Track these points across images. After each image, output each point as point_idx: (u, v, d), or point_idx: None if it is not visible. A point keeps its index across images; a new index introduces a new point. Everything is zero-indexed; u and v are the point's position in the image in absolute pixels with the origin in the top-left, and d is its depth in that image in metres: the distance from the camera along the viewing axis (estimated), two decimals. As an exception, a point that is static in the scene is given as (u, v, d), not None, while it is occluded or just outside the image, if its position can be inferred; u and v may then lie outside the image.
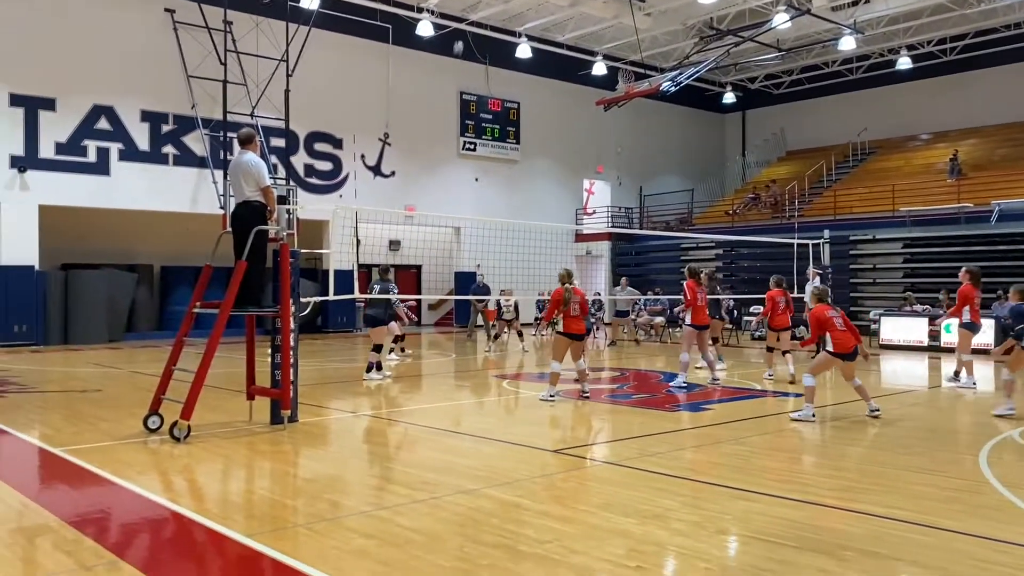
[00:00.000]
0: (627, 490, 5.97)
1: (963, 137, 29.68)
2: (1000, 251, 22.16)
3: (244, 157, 8.56)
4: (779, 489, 5.99)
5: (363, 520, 5.21)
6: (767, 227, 26.72)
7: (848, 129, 32.85)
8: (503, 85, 29.73)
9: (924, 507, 5.48)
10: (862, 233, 25.20)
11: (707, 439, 8.06)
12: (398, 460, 7.40)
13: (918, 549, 4.61)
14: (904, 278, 23.76)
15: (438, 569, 4.28)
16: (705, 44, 26.95)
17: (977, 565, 4.34)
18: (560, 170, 31.95)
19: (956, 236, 23.23)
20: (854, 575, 4.21)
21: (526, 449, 7.49)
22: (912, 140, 31.85)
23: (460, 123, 28.90)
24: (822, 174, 31.68)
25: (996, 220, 22.67)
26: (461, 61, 28.33)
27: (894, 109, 32.18)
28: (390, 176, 27.13)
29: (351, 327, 25.70)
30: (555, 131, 31.44)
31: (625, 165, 33.94)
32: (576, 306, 10.49)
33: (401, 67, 26.99)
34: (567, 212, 32.09)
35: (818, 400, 10.68)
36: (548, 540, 4.74)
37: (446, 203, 27.40)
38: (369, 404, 10.73)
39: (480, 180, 29.39)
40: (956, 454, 7.18)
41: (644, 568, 4.31)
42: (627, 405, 10.47)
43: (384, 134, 26.85)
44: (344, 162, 26.09)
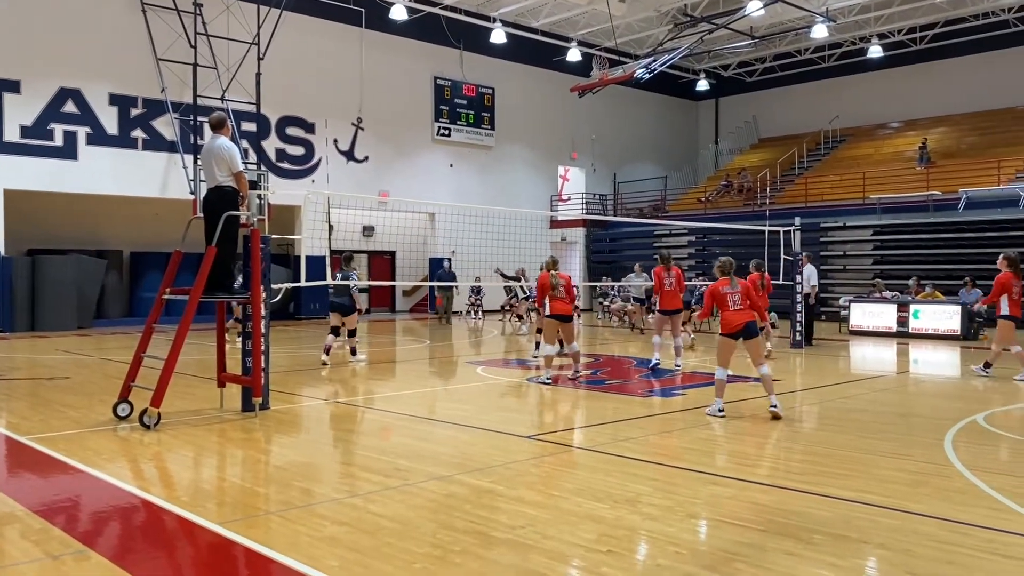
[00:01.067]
0: (599, 475, 6.01)
1: (932, 125, 30.05)
2: (967, 239, 22.52)
3: (216, 142, 8.46)
4: (749, 474, 6.06)
5: (335, 507, 5.19)
6: (739, 214, 26.92)
7: (820, 117, 33.12)
8: (478, 70, 29.60)
9: (891, 491, 5.57)
10: (833, 220, 25.47)
11: (679, 424, 8.12)
12: (370, 447, 7.38)
13: (885, 532, 4.68)
14: (874, 265, 24.06)
15: (410, 555, 4.28)
16: (679, 31, 27.00)
17: (940, 547, 4.42)
18: (535, 156, 31.93)
19: (925, 223, 23.56)
20: (822, 558, 4.26)
21: (500, 435, 7.50)
22: (882, 128, 32.19)
23: (434, 108, 28.75)
24: (794, 161, 31.93)
25: (963, 208, 23.02)
26: (435, 46, 28.17)
27: (865, 97, 32.48)
28: (363, 161, 26.95)
29: (324, 314, 25.53)
30: (530, 117, 31.39)
31: (599, 152, 33.98)
32: (562, 289, 10.99)
33: (374, 51, 26.77)
34: (542, 198, 32.09)
35: (786, 386, 10.82)
36: (521, 525, 4.76)
37: (420, 189, 27.29)
38: (341, 391, 10.69)
39: (455, 166, 29.29)
40: (923, 438, 7.29)
41: (616, 552, 4.34)
42: (601, 391, 10.52)
43: (357, 119, 26.65)
44: (316, 147, 25.87)
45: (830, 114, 32.84)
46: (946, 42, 29.86)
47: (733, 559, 4.23)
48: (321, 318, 25.19)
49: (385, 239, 27.06)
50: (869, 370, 13.48)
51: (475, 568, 4.12)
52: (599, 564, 4.16)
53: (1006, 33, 28.37)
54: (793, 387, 10.86)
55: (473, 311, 25.31)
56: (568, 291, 11.08)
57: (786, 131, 34.84)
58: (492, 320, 25.08)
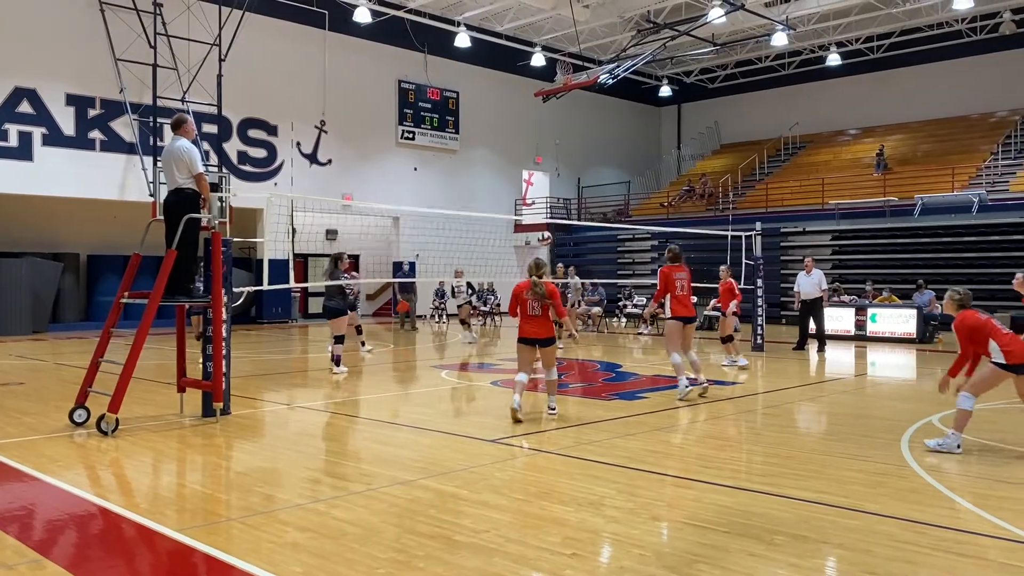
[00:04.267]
0: (564, 479, 6.03)
1: (889, 133, 30.64)
2: (922, 243, 23.00)
3: (176, 143, 8.35)
4: (711, 475, 6.12)
5: (297, 513, 5.14)
6: (702, 219, 27.19)
7: (780, 123, 33.60)
8: (442, 74, 29.56)
9: (850, 491, 5.66)
10: (793, 225, 25.85)
11: (643, 427, 8.17)
12: (334, 452, 7.32)
13: (844, 532, 4.76)
14: (833, 269, 24.43)
15: (373, 560, 4.26)
16: (642, 37, 27.21)
17: (898, 547, 4.50)
18: (499, 160, 31.96)
19: (882, 228, 24.01)
20: (783, 558, 4.32)
21: (464, 439, 7.49)
22: (841, 135, 32.75)
23: (398, 112, 28.65)
24: (755, 167, 32.36)
25: (919, 213, 23.50)
26: (399, 49, 28.09)
27: (824, 104, 33.02)
28: (327, 164, 26.75)
29: (287, 317, 25.33)
30: (494, 121, 31.42)
31: (563, 156, 34.11)
32: (537, 306, 8.70)
33: (338, 54, 26.61)
34: (506, 202, 32.12)
35: (748, 388, 10.95)
36: (485, 529, 4.75)
37: (384, 192, 27.14)
38: (304, 396, 10.59)
39: (419, 169, 29.20)
40: (880, 440, 7.41)
41: (580, 555, 4.35)
42: (564, 394, 10.53)
43: (321, 121, 26.45)
44: (279, 149, 25.62)
45: (790, 121, 33.33)
46: (902, 51, 30.47)
47: (696, 560, 4.27)
48: (283, 322, 24.97)
49: (348, 243, 26.86)
50: (828, 373, 13.68)
51: (439, 572, 4.10)
52: (563, 567, 4.17)
53: (960, 43, 29.03)
54: (755, 390, 10.99)
55: (437, 315, 25.24)
56: (552, 304, 8.55)
57: (747, 137, 35.29)
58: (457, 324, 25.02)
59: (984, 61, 28.94)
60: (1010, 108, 28.30)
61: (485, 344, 19.26)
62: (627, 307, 24.53)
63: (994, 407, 9.08)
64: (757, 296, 16.46)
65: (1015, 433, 7.79)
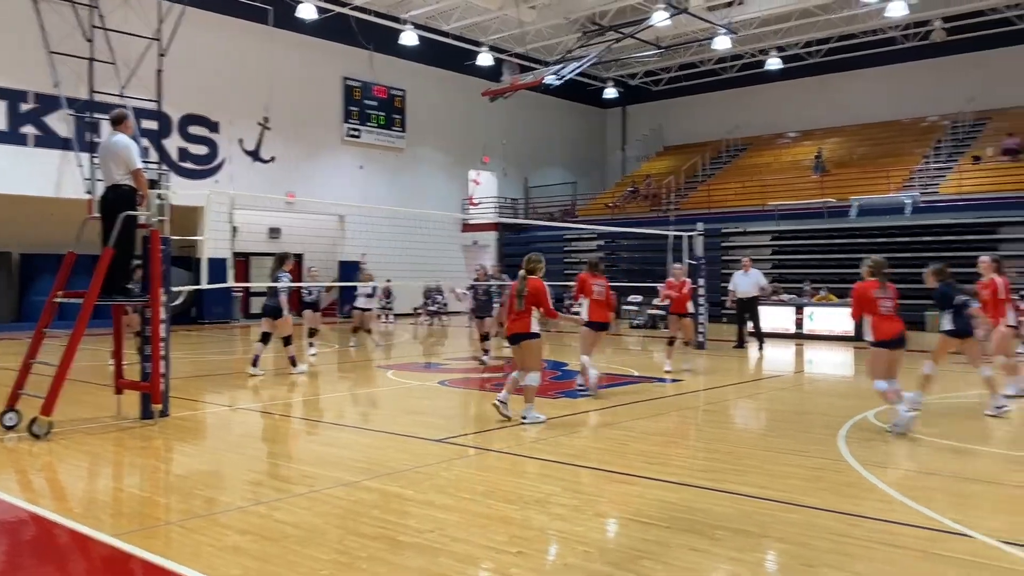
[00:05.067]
0: (509, 477, 6.04)
1: (827, 136, 31.40)
2: (858, 244, 23.61)
3: (114, 139, 8.14)
4: (655, 472, 6.20)
5: (239, 516, 5.06)
6: (645, 219, 27.49)
7: (722, 126, 34.17)
8: (388, 72, 29.35)
9: (790, 486, 5.79)
10: (734, 226, 26.32)
11: (587, 425, 8.23)
12: (276, 454, 7.22)
13: (783, 526, 4.86)
14: (773, 269, 24.93)
15: (315, 562, 4.21)
16: (587, 39, 27.41)
17: (834, 539, 4.62)
18: (446, 159, 31.88)
19: (820, 229, 24.58)
20: (725, 553, 4.40)
21: (409, 439, 7.45)
22: (781, 138, 33.45)
23: (344, 109, 28.37)
24: (697, 169, 32.85)
25: (855, 215, 24.13)
26: (345, 46, 27.80)
27: (765, 108, 33.68)
28: (270, 162, 26.35)
29: (228, 318, 24.86)
30: (441, 120, 31.32)
31: (511, 156, 34.18)
32: (521, 300, 8.49)
33: (282, 50, 26.21)
34: (453, 202, 32.06)
35: (689, 386, 11.11)
36: (429, 529, 4.74)
37: (329, 190, 26.85)
38: (247, 397, 10.42)
39: (365, 168, 28.96)
40: (818, 435, 7.59)
41: (525, 553, 4.37)
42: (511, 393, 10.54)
43: (264, 118, 26.03)
44: (221, 146, 25.15)
45: (732, 123, 33.92)
46: (840, 56, 31.26)
47: (640, 556, 4.32)
48: (224, 322, 24.52)
49: (292, 242, 26.47)
50: (767, 370, 13.96)
51: (382, 573, 4.08)
52: (508, 566, 4.18)
53: (894, 49, 29.87)
54: (696, 386, 11.16)
55: (384, 315, 25.06)
56: (533, 303, 8.32)
57: (690, 139, 35.81)
58: (403, 323, 24.90)
59: (917, 67, 29.86)
60: (940, 113, 29.23)
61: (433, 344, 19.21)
62: (572, 306, 24.66)
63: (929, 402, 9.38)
64: (699, 295, 16.71)
65: (942, 427, 8.05)
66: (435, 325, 24.28)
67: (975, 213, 22.30)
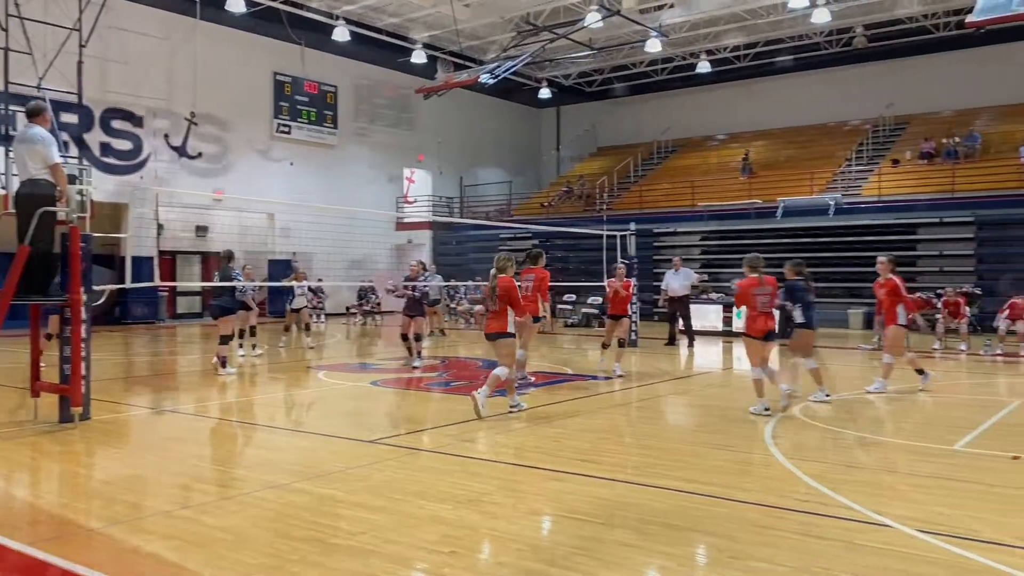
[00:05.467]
0: (443, 476, 6.01)
1: (754, 139, 32.14)
2: (784, 244, 24.24)
3: (31, 131, 7.83)
4: (589, 469, 6.25)
5: (164, 521, 4.91)
6: (579, 219, 27.72)
7: (653, 128, 34.67)
8: (320, 68, 28.94)
9: (719, 480, 5.90)
10: (665, 226, 26.74)
11: (521, 423, 8.26)
12: (204, 457, 7.04)
13: (713, 520, 4.95)
14: (702, 268, 25.41)
15: (243, 567, 4.12)
16: (522, 39, 27.51)
17: (761, 532, 4.73)
18: (380, 157, 31.59)
19: (747, 230, 25.15)
20: (656, 547, 4.46)
21: (342, 440, 7.36)
22: (710, 140, 34.11)
23: (274, 105, 27.86)
24: (630, 170, 33.27)
25: (781, 215, 24.77)
26: (276, 41, 27.31)
27: (694, 110, 34.30)
28: (197, 158, 25.71)
29: (153, 318, 24.16)
30: (374, 117, 31.01)
31: (445, 154, 34.05)
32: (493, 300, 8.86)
33: (210, 43, 25.59)
34: (387, 199, 31.78)
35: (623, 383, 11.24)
36: (361, 531, 4.68)
37: (259, 187, 26.33)
38: (174, 399, 10.14)
39: (295, 165, 28.49)
40: (746, 431, 7.76)
41: (458, 553, 4.35)
42: (446, 392, 10.53)
43: (191, 113, 25.38)
44: (145, 141, 24.42)
45: (663, 125, 34.45)
46: (766, 61, 32.04)
47: (573, 553, 4.34)
48: (149, 323, 23.83)
49: (220, 239, 25.88)
50: (697, 367, 14.23)
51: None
52: (441, 565, 4.16)
53: (818, 55, 30.76)
54: (629, 384, 11.30)
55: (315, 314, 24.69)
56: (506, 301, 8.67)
57: (623, 141, 36.24)
58: (335, 323, 24.58)
59: (839, 73, 30.82)
60: (862, 117, 30.21)
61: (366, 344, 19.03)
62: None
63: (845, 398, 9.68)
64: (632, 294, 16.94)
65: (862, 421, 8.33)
66: (368, 325, 24.04)
67: (894, 214, 23.12)
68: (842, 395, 9.93)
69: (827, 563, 4.21)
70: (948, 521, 4.89)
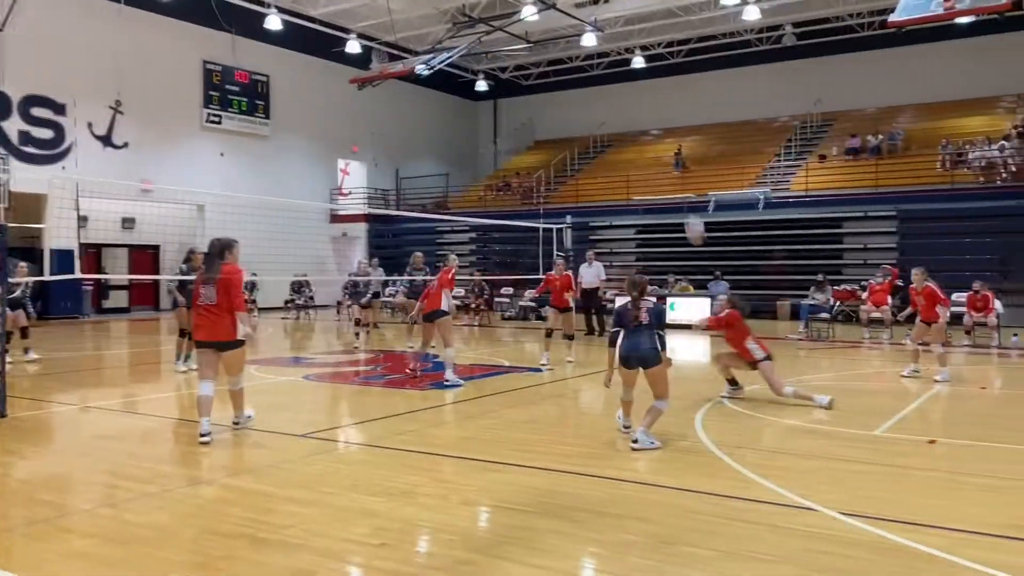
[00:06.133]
0: (375, 470, 5.96)
1: (687, 134, 32.63)
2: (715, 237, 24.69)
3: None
4: (522, 459, 6.27)
5: (85, 519, 4.76)
6: (516, 212, 27.79)
7: (589, 122, 34.91)
8: (252, 57, 28.32)
9: (651, 468, 5.99)
10: (601, 220, 26.98)
11: (457, 415, 8.24)
12: (128, 453, 6.82)
13: (643, 506, 5.02)
14: (636, 261, 25.73)
15: (167, 564, 4.01)
16: (457, 30, 27.38)
17: (691, 517, 4.81)
18: (313, 148, 31.10)
19: (680, 223, 25.50)
20: (587, 535, 4.50)
21: (272, 435, 7.23)
22: (644, 135, 34.52)
23: (203, 94, 27.17)
24: (566, 163, 33.46)
25: (712, 209, 25.23)
26: (205, 28, 26.63)
27: (629, 105, 34.64)
28: (123, 147, 24.93)
29: (77, 313, 23.36)
30: (308, 108, 30.50)
31: (381, 146, 33.71)
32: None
33: (136, 30, 24.81)
34: (321, 192, 31.32)
35: (557, 375, 11.31)
36: (291, 525, 4.61)
37: (188, 178, 25.63)
38: (99, 396, 9.82)
39: (226, 155, 27.85)
40: (677, 419, 7.88)
41: (389, 545, 4.32)
42: (381, 386, 10.44)
43: (116, 101, 24.59)
44: (68, 130, 23.54)
45: (598, 119, 34.72)
46: (699, 57, 32.56)
47: (505, 542, 4.35)
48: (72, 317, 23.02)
49: (148, 232, 25.15)
50: (633, 359, 14.34)
51: (241, 572, 3.93)
52: (372, 558, 4.13)
53: (749, 52, 31.39)
54: (563, 375, 11.37)
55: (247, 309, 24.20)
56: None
57: (559, 134, 36.40)
58: (268, 317, 24.14)
59: (769, 70, 31.50)
60: (790, 114, 30.94)
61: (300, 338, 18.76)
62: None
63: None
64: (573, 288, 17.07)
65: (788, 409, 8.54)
66: (302, 319, 23.68)
67: (821, 208, 23.76)
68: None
69: (753, 546, 4.30)
70: (869, 503, 5.05)
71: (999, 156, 22.67)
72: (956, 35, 26.79)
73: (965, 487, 5.56)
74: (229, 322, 6.94)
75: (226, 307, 6.91)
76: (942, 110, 27.87)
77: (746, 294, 22.65)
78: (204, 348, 6.99)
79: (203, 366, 7.02)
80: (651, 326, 7.05)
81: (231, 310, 6.94)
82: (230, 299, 6.91)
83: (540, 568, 4.00)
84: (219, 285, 6.90)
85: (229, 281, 6.93)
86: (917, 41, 26.82)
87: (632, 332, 7.01)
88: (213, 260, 7.03)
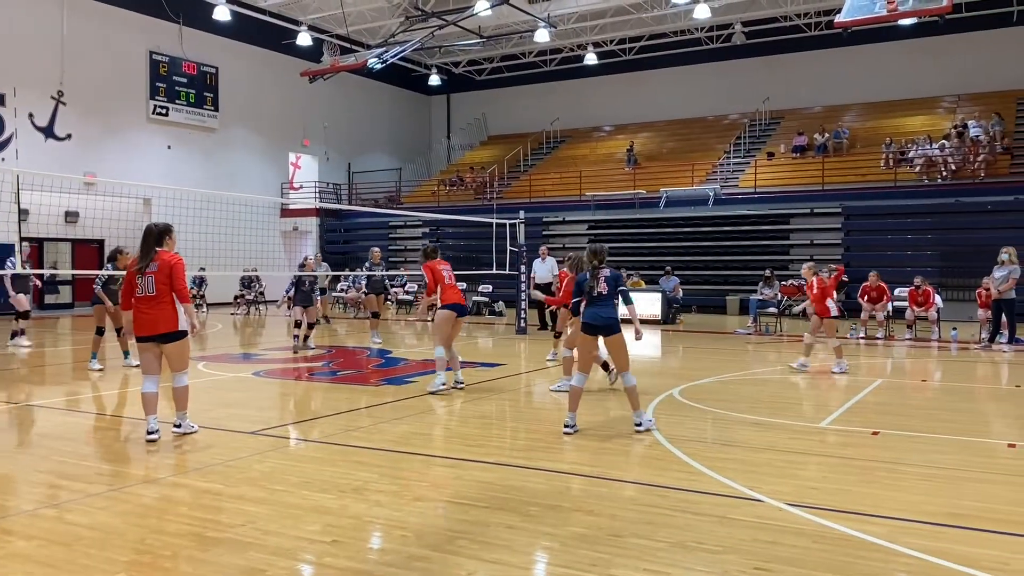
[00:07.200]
0: (326, 466, 5.91)
1: (639, 130, 32.93)
2: (667, 233, 25.02)
3: None
4: (473, 453, 6.28)
5: (25, 520, 4.64)
6: (470, 207, 27.75)
7: (543, 118, 35.02)
8: (199, 48, 27.78)
9: (602, 461, 6.04)
10: (554, 215, 27.10)
11: (410, 411, 8.21)
12: (70, 452, 6.66)
13: (594, 500, 5.07)
14: (590, 257, 25.85)
15: (112, 565, 3.93)
16: (410, 24, 27.22)
17: (641, 509, 4.87)
18: (264, 141, 30.64)
19: (632, 219, 25.80)
20: (539, 528, 4.52)
21: (221, 432, 7.12)
22: (597, 131, 34.73)
23: (150, 85, 26.57)
24: (519, 159, 33.51)
25: (664, 205, 25.52)
26: (151, 18, 26.04)
27: (582, 101, 34.82)
28: (66, 139, 24.28)
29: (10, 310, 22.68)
30: (258, 100, 30.05)
31: (333, 140, 33.37)
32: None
33: (78, 18, 24.17)
34: (272, 186, 30.89)
35: (510, 369, 11.35)
36: (240, 523, 4.55)
37: (134, 171, 25.07)
38: (40, 394, 9.57)
39: (173, 148, 27.30)
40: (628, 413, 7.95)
41: (340, 542, 4.29)
42: (332, 382, 10.36)
43: (58, 92, 23.93)
44: (7, 121, 22.86)
45: (552, 115, 34.83)
46: (650, 54, 32.85)
47: (457, 537, 4.36)
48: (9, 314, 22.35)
49: (92, 226, 24.54)
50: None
51: (188, 571, 3.87)
52: (323, 555, 4.10)
53: (699, 50, 31.77)
54: (518, 370, 11.41)
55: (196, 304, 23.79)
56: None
57: (513, 130, 36.44)
58: (217, 313, 23.75)
59: (719, 68, 31.92)
60: (740, 112, 31.43)
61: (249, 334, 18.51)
62: (398, 294, 24.51)
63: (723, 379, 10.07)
64: (521, 282, 17.09)
65: (737, 402, 8.69)
66: (252, 315, 23.36)
67: (769, 205, 24.19)
68: (722, 377, 10.32)
69: (701, 537, 4.37)
70: (814, 494, 5.17)
71: (940, 155, 23.32)
72: (899, 36, 27.49)
73: (906, 477, 5.72)
74: (171, 312, 6.70)
75: (167, 296, 6.69)
76: (886, 109, 28.56)
77: (696, 289, 23.07)
78: (145, 343, 6.79)
79: (146, 362, 6.86)
80: (610, 296, 7.26)
81: (171, 300, 6.71)
82: (172, 287, 6.69)
83: (493, 563, 4.01)
84: (158, 274, 6.69)
85: (170, 268, 6.70)
86: (862, 42, 27.45)
87: (592, 301, 7.24)
88: (150, 247, 6.82)
